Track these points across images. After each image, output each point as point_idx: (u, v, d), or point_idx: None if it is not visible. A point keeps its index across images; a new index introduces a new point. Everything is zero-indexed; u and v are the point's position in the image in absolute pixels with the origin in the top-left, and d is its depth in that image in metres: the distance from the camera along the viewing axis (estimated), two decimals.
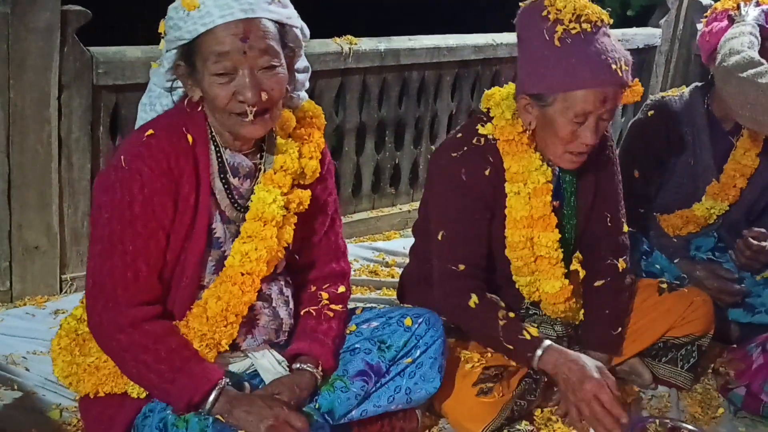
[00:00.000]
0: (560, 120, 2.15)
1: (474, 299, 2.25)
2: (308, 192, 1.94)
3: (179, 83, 1.85)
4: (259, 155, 1.93)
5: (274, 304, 1.98)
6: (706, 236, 2.95)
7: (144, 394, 1.87)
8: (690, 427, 2.35)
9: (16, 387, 2.34)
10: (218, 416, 1.78)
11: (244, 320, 1.90)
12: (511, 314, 2.28)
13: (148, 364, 1.78)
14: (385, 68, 3.71)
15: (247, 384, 1.93)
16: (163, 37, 1.80)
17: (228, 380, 1.84)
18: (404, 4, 7.53)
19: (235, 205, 1.91)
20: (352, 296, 3.09)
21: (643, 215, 2.90)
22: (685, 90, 2.95)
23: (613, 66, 2.11)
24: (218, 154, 1.87)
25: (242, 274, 1.86)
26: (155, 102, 1.91)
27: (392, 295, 3.15)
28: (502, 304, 2.30)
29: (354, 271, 3.44)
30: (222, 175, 1.88)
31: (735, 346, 2.86)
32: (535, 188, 2.26)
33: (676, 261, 2.84)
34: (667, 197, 2.95)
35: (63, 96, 2.77)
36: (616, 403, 2.11)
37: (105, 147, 2.96)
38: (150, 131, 1.79)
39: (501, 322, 2.24)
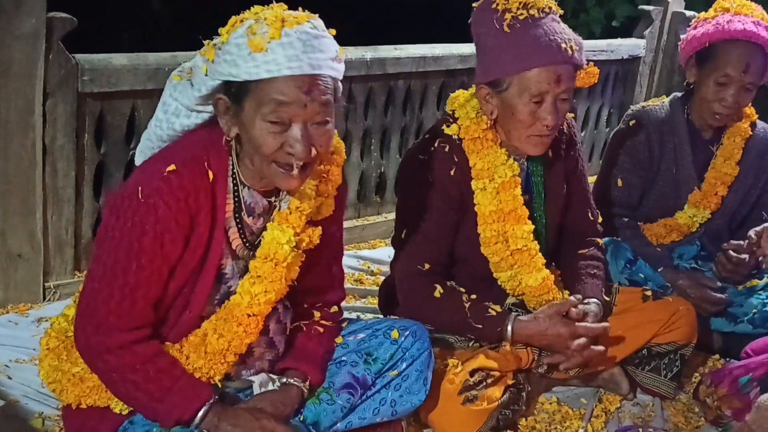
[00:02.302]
0: (518, 103, 2.20)
1: (438, 290, 2.30)
2: (319, 229, 1.90)
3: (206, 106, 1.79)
4: (275, 193, 1.88)
5: (270, 335, 1.96)
6: (689, 244, 2.97)
7: (127, 410, 1.85)
8: None
9: None
10: (205, 431, 1.78)
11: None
12: (473, 296, 2.33)
13: (136, 383, 1.77)
14: (371, 77, 3.72)
15: (234, 397, 1.92)
16: (206, 61, 1.72)
17: (217, 395, 1.83)
18: (391, 14, 7.55)
19: (245, 243, 1.88)
20: None
21: (626, 224, 2.92)
22: (666, 100, 2.98)
23: (563, 45, 2.16)
24: (236, 193, 1.83)
25: (248, 316, 1.83)
26: (173, 120, 1.82)
27: (377, 303, 3.15)
28: (462, 290, 2.35)
29: None
30: (237, 214, 1.84)
31: (716, 356, 2.88)
32: (503, 182, 2.30)
33: (659, 270, 2.86)
34: (649, 206, 2.97)
35: (48, 103, 2.76)
36: (592, 329, 2.29)
37: (90, 154, 2.95)
38: (172, 166, 1.72)
39: (467, 305, 2.30)
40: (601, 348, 2.33)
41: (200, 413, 1.78)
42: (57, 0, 2.74)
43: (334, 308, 2.10)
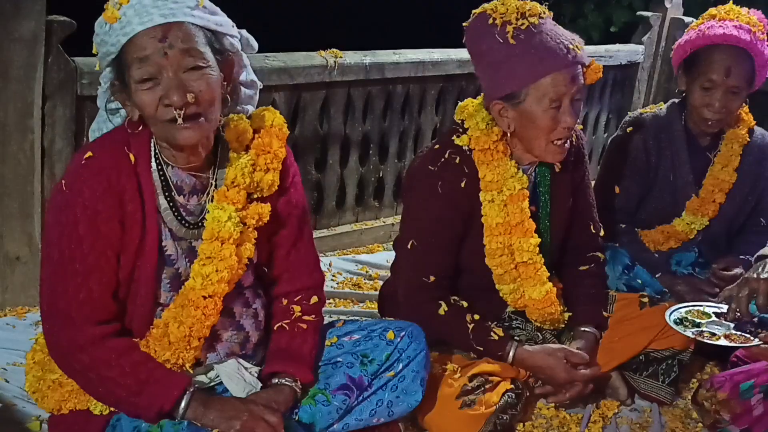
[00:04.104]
0: (538, 110, 2.21)
1: (444, 307, 2.32)
2: (267, 206, 1.89)
3: (119, 104, 1.83)
4: (211, 170, 1.88)
5: (237, 318, 1.95)
6: (687, 251, 2.97)
7: (107, 411, 1.85)
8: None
9: None
10: (192, 421, 1.78)
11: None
12: (476, 316, 2.34)
13: (113, 379, 1.77)
14: (370, 82, 3.72)
15: (214, 389, 1.93)
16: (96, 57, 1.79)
17: (197, 385, 1.84)
18: (389, 19, 7.56)
19: (183, 222, 1.87)
20: (335, 309, 3.10)
21: (624, 230, 2.92)
22: (664, 106, 2.99)
23: (570, 46, 2.19)
24: (161, 172, 1.83)
25: (204, 298, 1.82)
26: (102, 127, 1.89)
27: (375, 308, 3.14)
28: (465, 304, 2.37)
29: (337, 284, 3.44)
30: (166, 193, 1.84)
31: (713, 363, 2.88)
32: (512, 195, 2.30)
33: (657, 276, 2.86)
34: (647, 213, 2.98)
35: (46, 106, 2.76)
36: (586, 374, 2.37)
37: None
38: (89, 153, 1.76)
39: (470, 326, 2.32)
40: (591, 386, 2.40)
41: (183, 402, 1.78)
42: (56, 3, 2.74)
43: (314, 298, 2.07)
